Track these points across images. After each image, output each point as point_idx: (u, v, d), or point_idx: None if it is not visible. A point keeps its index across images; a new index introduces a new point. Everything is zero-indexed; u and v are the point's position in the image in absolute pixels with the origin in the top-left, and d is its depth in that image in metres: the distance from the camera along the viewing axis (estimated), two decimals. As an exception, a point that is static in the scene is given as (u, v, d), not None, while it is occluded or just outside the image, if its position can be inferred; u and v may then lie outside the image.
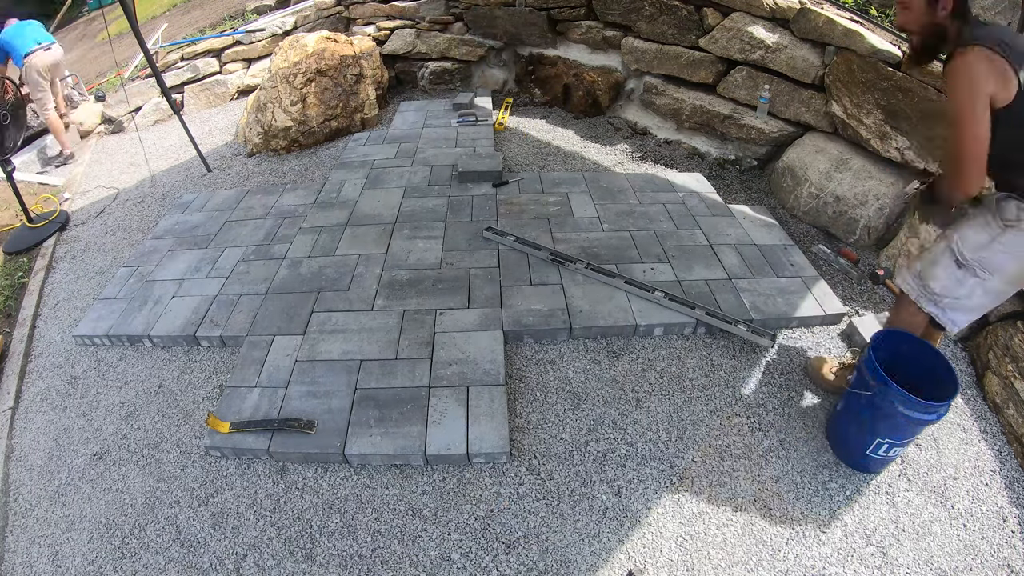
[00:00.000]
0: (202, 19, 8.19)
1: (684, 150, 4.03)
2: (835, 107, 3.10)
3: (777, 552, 1.77)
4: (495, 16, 4.78)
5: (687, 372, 2.33)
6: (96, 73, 8.03)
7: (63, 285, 3.24)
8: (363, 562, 1.78)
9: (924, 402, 1.68)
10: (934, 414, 1.71)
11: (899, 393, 1.70)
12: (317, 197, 3.50)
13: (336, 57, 4.31)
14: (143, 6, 11.31)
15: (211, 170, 4.18)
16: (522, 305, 2.54)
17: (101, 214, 3.91)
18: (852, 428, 1.93)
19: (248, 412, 2.15)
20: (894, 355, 1.91)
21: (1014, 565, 1.75)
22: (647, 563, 1.75)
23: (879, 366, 1.77)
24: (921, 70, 2.50)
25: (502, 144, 4.14)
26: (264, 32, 5.89)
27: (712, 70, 3.68)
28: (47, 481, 2.17)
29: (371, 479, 1.99)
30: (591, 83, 4.40)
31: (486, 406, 2.10)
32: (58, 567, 1.88)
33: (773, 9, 3.24)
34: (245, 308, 2.66)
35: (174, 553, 1.85)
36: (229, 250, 3.10)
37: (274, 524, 1.90)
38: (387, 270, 2.82)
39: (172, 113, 4.32)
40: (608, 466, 2.00)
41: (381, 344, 2.39)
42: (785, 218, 3.27)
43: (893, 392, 1.71)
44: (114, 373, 2.56)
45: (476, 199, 3.36)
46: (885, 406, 1.75)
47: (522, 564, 1.74)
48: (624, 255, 2.84)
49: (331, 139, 4.37)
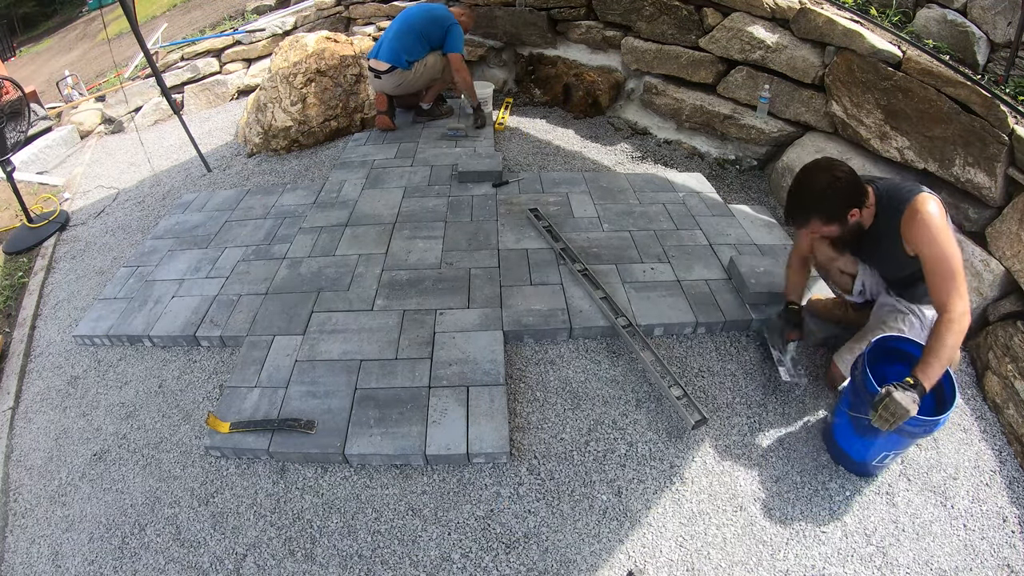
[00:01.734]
0: (202, 19, 8.20)
1: (684, 150, 4.03)
2: (835, 107, 3.10)
3: (777, 552, 1.77)
4: (495, 16, 4.78)
5: (687, 372, 2.33)
6: (96, 73, 8.03)
7: (63, 285, 3.24)
8: (363, 562, 1.78)
9: (926, 419, 1.63)
10: (935, 427, 1.69)
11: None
12: (317, 197, 3.50)
13: (336, 57, 4.31)
14: (143, 6, 11.32)
15: (211, 170, 4.18)
16: (522, 305, 2.54)
17: (101, 214, 3.91)
18: (852, 443, 1.91)
19: (248, 412, 2.15)
20: (885, 354, 1.89)
21: (1014, 565, 1.75)
22: (647, 563, 1.75)
23: (876, 384, 1.70)
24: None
25: (502, 144, 4.14)
26: (264, 32, 5.90)
27: (712, 70, 3.68)
28: (47, 481, 2.17)
29: (371, 479, 1.99)
30: (591, 83, 4.40)
31: (486, 406, 2.10)
32: (58, 567, 1.88)
33: (773, 9, 3.24)
34: (245, 308, 2.66)
35: (174, 553, 1.85)
36: (229, 250, 3.10)
37: (274, 524, 1.89)
38: (387, 270, 2.82)
39: (172, 113, 4.33)
40: (608, 466, 2.00)
41: (381, 344, 2.39)
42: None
43: None
44: (114, 373, 2.56)
45: (476, 199, 3.36)
46: None
47: (522, 564, 1.74)
48: (624, 255, 2.84)
49: (331, 139, 4.37)
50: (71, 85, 5.93)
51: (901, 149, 2.84)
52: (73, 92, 5.90)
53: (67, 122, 5.43)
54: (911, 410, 1.55)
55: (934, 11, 2.88)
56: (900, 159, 2.86)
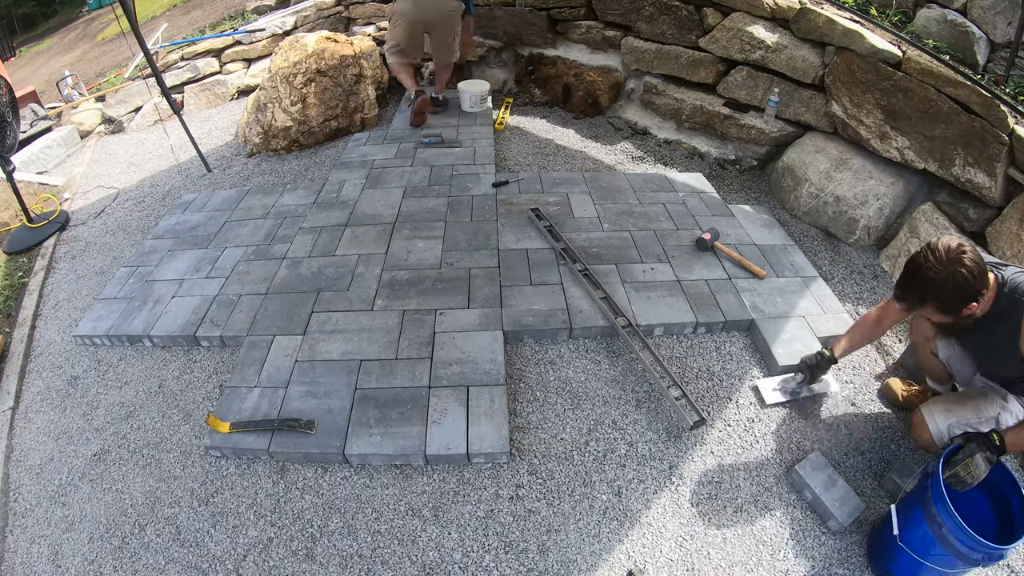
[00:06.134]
0: (202, 19, 8.19)
1: (684, 150, 4.03)
2: (835, 107, 3.10)
3: (777, 552, 1.77)
4: (495, 16, 4.78)
5: (687, 372, 2.33)
6: (96, 73, 8.02)
7: (63, 285, 3.24)
8: (363, 562, 1.78)
9: (991, 545, 1.46)
10: (1001, 555, 1.52)
11: (971, 538, 1.48)
12: (317, 197, 3.50)
13: (336, 57, 4.30)
14: (143, 6, 11.31)
15: (211, 170, 4.18)
16: (522, 305, 2.54)
17: (101, 214, 3.91)
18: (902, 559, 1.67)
19: (248, 412, 2.15)
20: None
21: (1014, 565, 1.75)
22: (647, 563, 1.75)
23: (958, 517, 1.49)
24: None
25: (502, 144, 4.14)
26: (264, 32, 5.89)
27: (712, 70, 3.68)
28: (47, 481, 2.17)
29: (371, 479, 1.99)
30: (591, 83, 4.39)
31: (486, 406, 2.10)
32: (58, 567, 1.88)
33: (773, 9, 3.24)
34: (245, 308, 2.66)
35: (174, 553, 1.85)
36: (229, 250, 3.10)
37: (274, 524, 1.90)
38: (387, 270, 2.82)
39: (172, 113, 4.32)
40: (608, 466, 2.00)
41: (381, 344, 2.39)
42: (785, 218, 3.27)
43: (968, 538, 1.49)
44: (114, 373, 2.56)
45: (476, 199, 3.36)
46: (948, 540, 1.54)
47: (522, 564, 1.74)
48: (624, 255, 2.84)
49: (331, 139, 4.37)
50: (71, 85, 5.92)
51: (901, 149, 2.84)
52: (73, 92, 5.89)
53: (67, 122, 5.42)
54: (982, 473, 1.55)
55: (934, 11, 2.88)
56: (900, 159, 2.87)
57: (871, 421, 2.17)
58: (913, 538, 1.60)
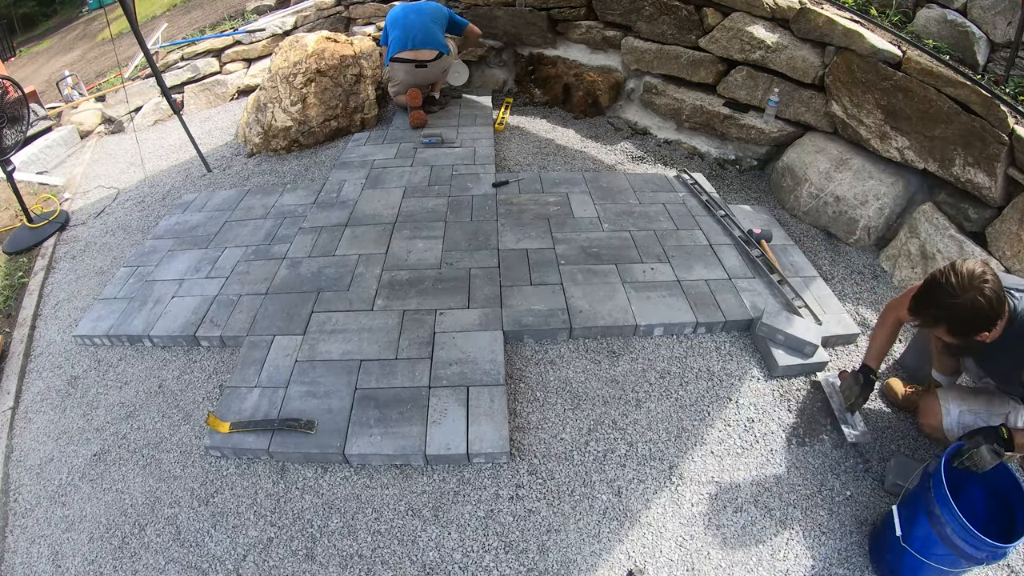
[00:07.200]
0: (202, 19, 8.19)
1: (684, 150, 4.02)
2: (835, 107, 3.10)
3: (777, 552, 1.77)
4: (495, 16, 4.78)
5: (687, 372, 2.33)
6: (96, 73, 8.02)
7: (63, 285, 3.24)
8: (363, 562, 1.78)
9: (992, 544, 1.46)
10: (1002, 554, 1.52)
11: (974, 537, 1.48)
12: (317, 197, 3.50)
13: (336, 57, 4.30)
14: (143, 6, 11.31)
15: (211, 170, 4.18)
16: (522, 305, 2.54)
17: (101, 214, 3.91)
18: (904, 558, 1.66)
19: (248, 412, 2.15)
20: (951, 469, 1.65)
21: (1014, 565, 1.75)
22: (647, 563, 1.75)
23: (962, 516, 1.49)
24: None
25: (502, 144, 4.14)
26: (264, 32, 5.89)
27: (712, 70, 3.68)
28: (47, 481, 2.17)
29: (371, 479, 1.99)
30: (591, 83, 4.39)
31: (486, 406, 2.10)
32: (58, 567, 1.88)
33: (773, 9, 3.24)
34: (245, 308, 2.66)
35: (174, 553, 1.85)
36: (229, 250, 3.10)
37: (274, 524, 1.90)
38: (387, 270, 2.82)
39: (172, 113, 4.33)
40: (608, 466, 2.00)
41: (381, 344, 2.39)
42: (785, 218, 3.27)
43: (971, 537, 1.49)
44: (114, 373, 2.56)
45: (476, 199, 3.36)
46: (952, 539, 1.53)
47: (522, 564, 1.74)
48: (624, 255, 2.84)
49: (331, 139, 4.37)
50: (71, 85, 5.92)
51: (901, 149, 2.84)
52: (73, 92, 5.89)
53: (67, 122, 5.42)
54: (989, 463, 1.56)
55: (934, 11, 2.88)
56: (900, 159, 2.87)
57: (871, 421, 2.17)
58: (916, 538, 1.60)
